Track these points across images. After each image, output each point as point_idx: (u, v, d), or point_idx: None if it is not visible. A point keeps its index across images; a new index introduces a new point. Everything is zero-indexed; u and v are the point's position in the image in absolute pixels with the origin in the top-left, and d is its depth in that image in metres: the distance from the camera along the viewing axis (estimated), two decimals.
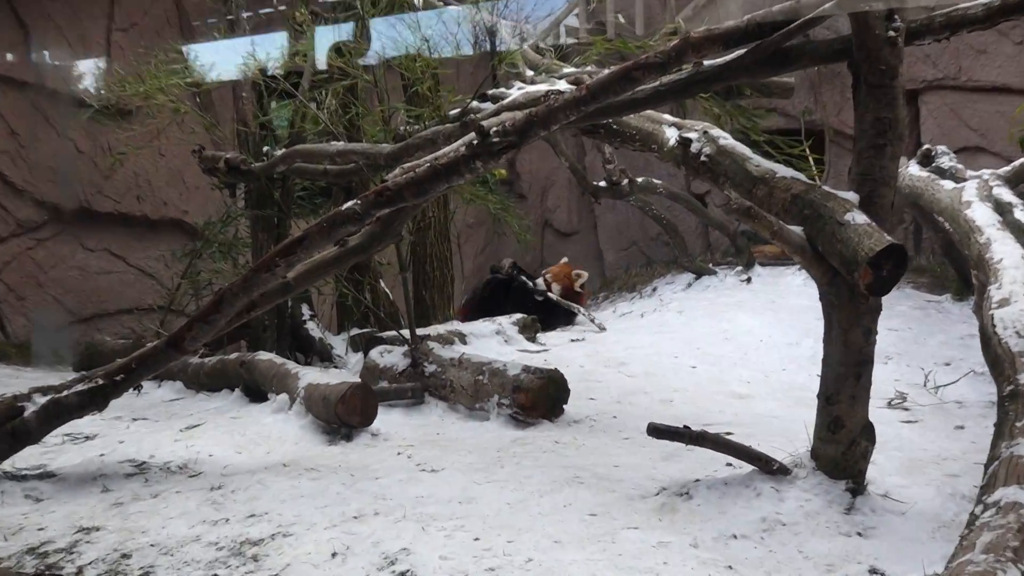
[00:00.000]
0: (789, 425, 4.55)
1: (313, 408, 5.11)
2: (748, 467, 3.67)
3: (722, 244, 11.73)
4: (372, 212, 3.88)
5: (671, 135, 4.24)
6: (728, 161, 3.83)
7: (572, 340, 7.82)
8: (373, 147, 5.72)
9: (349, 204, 3.89)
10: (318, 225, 3.91)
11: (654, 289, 10.30)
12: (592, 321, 8.45)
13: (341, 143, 6.17)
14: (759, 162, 3.76)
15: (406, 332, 5.96)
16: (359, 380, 5.27)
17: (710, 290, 9.31)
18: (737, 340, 7.22)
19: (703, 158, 3.96)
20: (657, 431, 3.59)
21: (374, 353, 6.01)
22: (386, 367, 5.86)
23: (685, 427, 3.60)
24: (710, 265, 10.28)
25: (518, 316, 7.78)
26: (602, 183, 9.02)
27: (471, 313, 8.82)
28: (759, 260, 9.67)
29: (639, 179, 9.20)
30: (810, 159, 7.36)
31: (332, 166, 6.20)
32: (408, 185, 3.86)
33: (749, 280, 9.31)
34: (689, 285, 9.83)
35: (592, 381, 6.12)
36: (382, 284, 7.61)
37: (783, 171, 3.61)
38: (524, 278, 9.34)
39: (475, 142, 3.82)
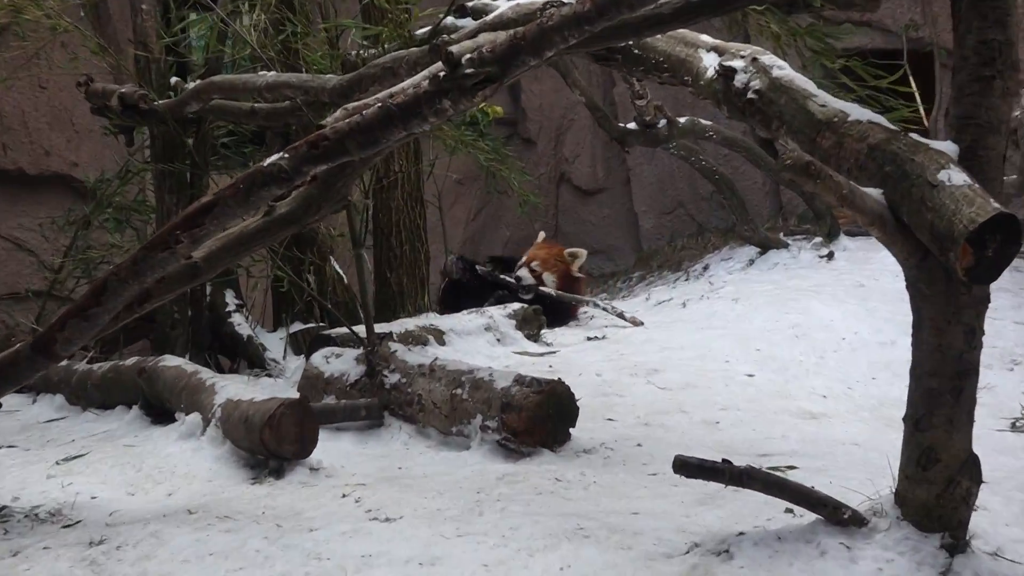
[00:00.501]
0: (874, 456, 4.54)
1: (232, 433, 5.12)
2: (811, 515, 3.65)
3: (797, 207, 11.70)
4: (304, 169, 3.87)
5: (709, 63, 4.21)
6: (784, 99, 3.80)
7: (588, 339, 7.82)
8: (315, 79, 5.71)
9: (273, 158, 3.88)
10: (232, 188, 3.91)
11: (705, 267, 10.32)
12: (621, 316, 8.40)
13: (273, 73, 6.16)
14: (825, 100, 3.74)
15: (362, 329, 5.96)
16: (296, 395, 5.27)
17: (778, 269, 9.33)
18: (811, 338, 7.21)
19: (750, 95, 3.93)
20: (686, 467, 3.57)
21: (317, 358, 6.03)
22: (334, 376, 5.87)
23: (724, 461, 3.58)
24: (780, 235, 10.28)
25: (516, 306, 7.79)
26: (632, 125, 9.01)
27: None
28: (844, 228, 9.66)
29: (681, 119, 9.19)
30: (915, 92, 7.29)
31: (262, 104, 6.20)
32: (352, 132, 3.85)
33: (831, 256, 9.31)
34: (751, 263, 9.84)
35: (612, 395, 6.13)
36: (332, 263, 7.60)
37: (858, 113, 3.57)
38: (492, 274, 9.17)
39: (441, 75, 3.80)
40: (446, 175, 9.65)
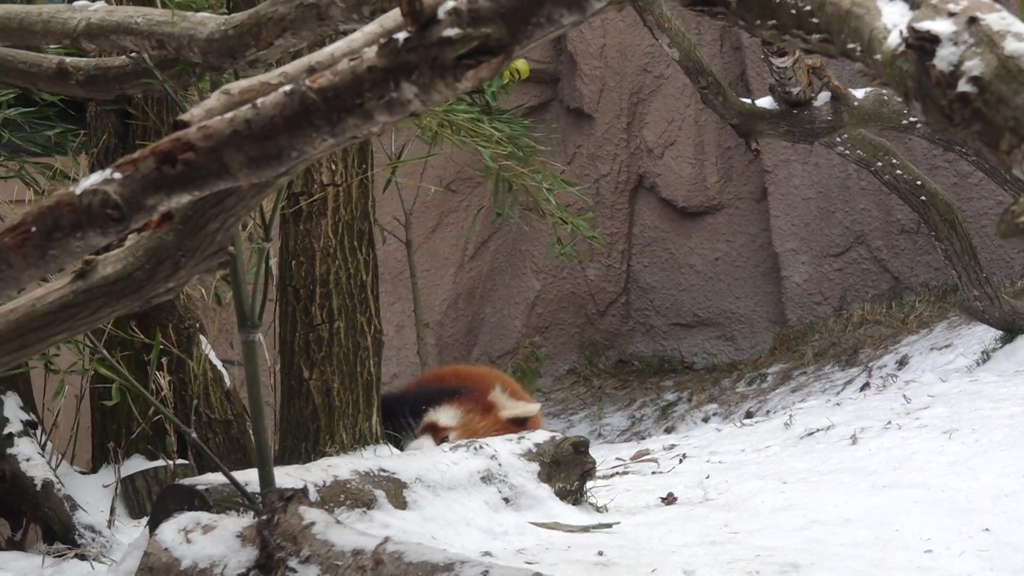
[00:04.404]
0: None
1: None
2: None
3: None
4: (149, 201, 2.68)
5: (892, 21, 2.96)
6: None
7: (667, 498, 5.52)
8: (175, 19, 4.20)
9: (93, 180, 2.69)
10: (14, 231, 2.73)
11: (900, 362, 8.18)
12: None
13: (100, 5, 4.58)
14: None
15: (252, 476, 4.39)
16: None
17: None
18: None
19: (963, 86, 2.76)
20: None
21: (170, 531, 4.41)
22: (198, 568, 4.38)
23: None
24: None
25: (540, 437, 5.72)
26: (766, 100, 6.87)
27: None
28: None
29: (859, 92, 6.88)
30: None
31: (78, 59, 4.68)
32: (237, 138, 2.64)
33: None
34: (985, 357, 7.60)
35: None
36: (205, 352, 5.53)
37: None
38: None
39: (402, 36, 2.60)
40: (418, 184, 7.19)
